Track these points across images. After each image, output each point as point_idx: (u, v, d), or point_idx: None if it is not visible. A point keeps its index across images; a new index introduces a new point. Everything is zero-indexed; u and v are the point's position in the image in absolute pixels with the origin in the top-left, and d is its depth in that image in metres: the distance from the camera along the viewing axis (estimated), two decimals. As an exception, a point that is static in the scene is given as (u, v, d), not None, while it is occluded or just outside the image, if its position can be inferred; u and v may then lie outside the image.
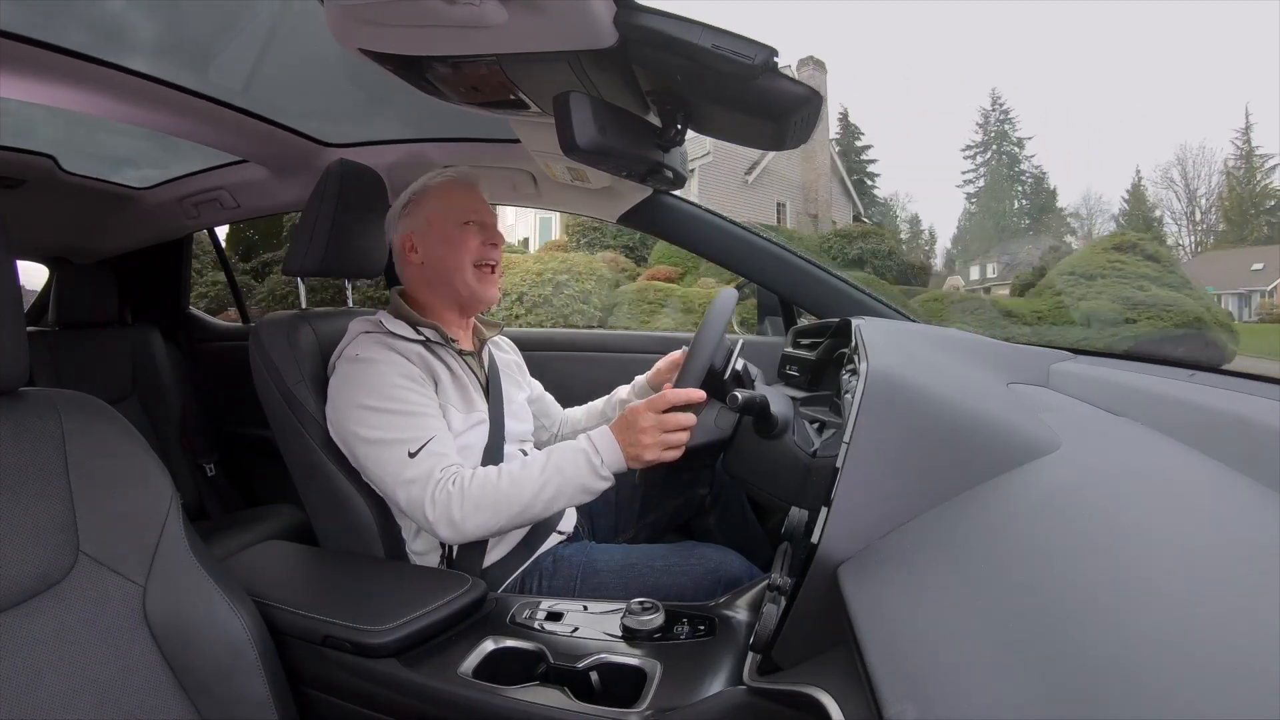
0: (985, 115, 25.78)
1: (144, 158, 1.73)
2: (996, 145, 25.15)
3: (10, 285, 0.63)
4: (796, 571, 0.54)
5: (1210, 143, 25.73)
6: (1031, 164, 24.86)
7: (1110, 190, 27.53)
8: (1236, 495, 0.44)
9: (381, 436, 0.91)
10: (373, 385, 0.93)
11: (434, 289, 1.07)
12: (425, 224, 1.06)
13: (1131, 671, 0.28)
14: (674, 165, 0.93)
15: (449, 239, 1.04)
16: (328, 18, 0.79)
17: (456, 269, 1.04)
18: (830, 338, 1.16)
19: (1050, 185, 24.38)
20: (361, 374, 0.95)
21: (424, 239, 1.06)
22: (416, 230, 1.06)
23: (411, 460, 0.90)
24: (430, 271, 1.06)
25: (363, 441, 0.92)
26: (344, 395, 0.95)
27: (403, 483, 0.89)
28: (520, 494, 0.87)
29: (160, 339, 1.91)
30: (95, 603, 0.64)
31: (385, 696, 0.75)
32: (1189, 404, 0.62)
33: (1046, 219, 22.86)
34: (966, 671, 0.33)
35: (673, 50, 0.70)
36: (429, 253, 1.05)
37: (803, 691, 0.49)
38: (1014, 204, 24.31)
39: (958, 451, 0.51)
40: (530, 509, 0.88)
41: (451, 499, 0.87)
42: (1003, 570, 0.39)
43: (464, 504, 0.87)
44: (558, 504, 0.89)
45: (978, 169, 25.63)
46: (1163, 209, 22.20)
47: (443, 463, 0.90)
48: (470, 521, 0.87)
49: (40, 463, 0.64)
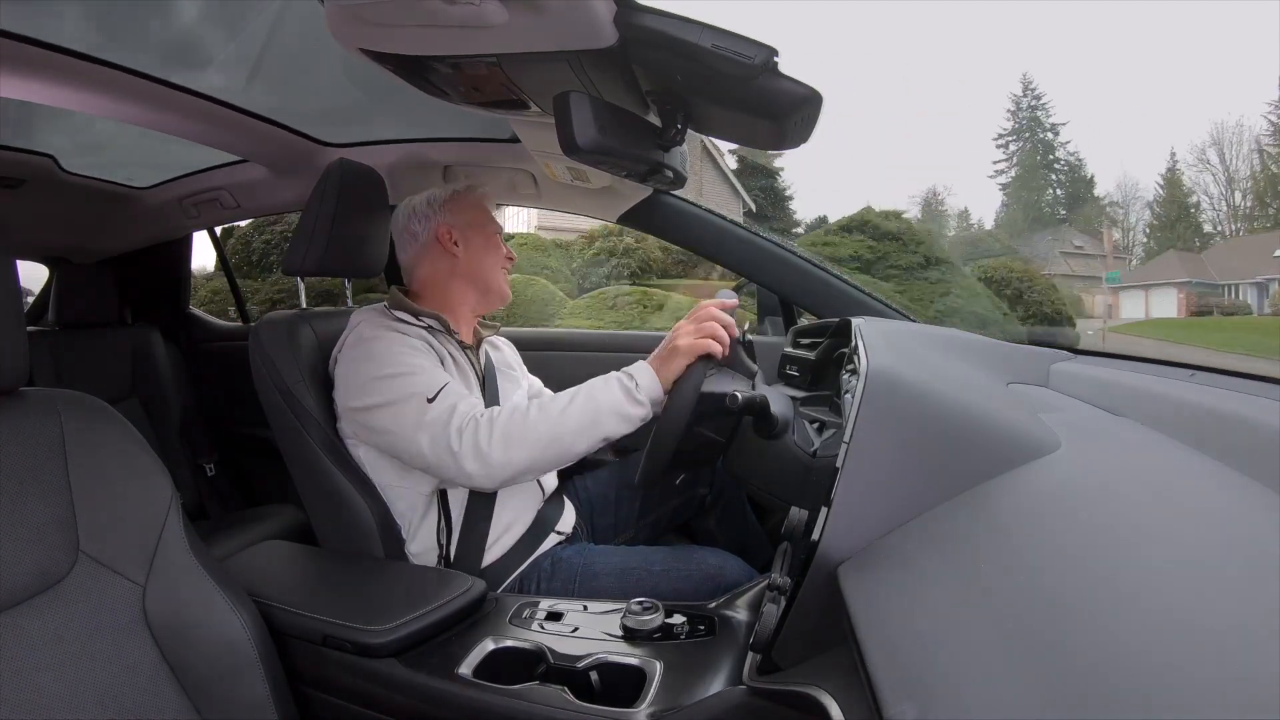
0: (1016, 101, 24.25)
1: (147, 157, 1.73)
2: (1030, 133, 23.63)
3: (10, 285, 0.63)
4: (796, 571, 0.54)
5: (1247, 119, 22.65)
6: (1066, 150, 23.32)
7: (1145, 175, 25.72)
8: (1236, 495, 0.44)
9: (396, 397, 0.92)
10: (380, 357, 0.95)
11: (464, 281, 1.12)
12: (467, 224, 1.12)
13: (1131, 671, 0.28)
14: (674, 165, 0.93)
15: (488, 243, 1.13)
16: (328, 18, 0.79)
17: (493, 271, 1.13)
18: (830, 338, 1.16)
19: (1087, 174, 22.88)
20: (368, 351, 0.97)
21: (465, 237, 1.11)
22: (458, 227, 1.11)
23: (430, 404, 0.90)
24: (467, 266, 1.11)
25: (379, 409, 0.93)
26: (354, 374, 0.97)
27: (424, 425, 0.89)
28: (551, 422, 0.85)
29: (160, 339, 1.91)
30: (95, 602, 0.64)
31: (385, 696, 0.75)
32: (1189, 404, 0.62)
33: (1084, 209, 21.51)
34: (966, 671, 0.33)
35: (673, 50, 0.70)
36: (470, 250, 1.11)
37: (803, 691, 0.49)
38: (1048, 194, 22.81)
39: (958, 451, 0.51)
40: (562, 439, 0.86)
41: (479, 430, 0.86)
42: (1003, 570, 0.39)
43: (491, 435, 0.86)
44: (594, 434, 0.87)
45: (1010, 158, 24.12)
46: (1199, 193, 20.52)
47: (464, 402, 0.91)
48: (499, 453, 0.85)
49: (40, 463, 0.64)
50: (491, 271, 1.13)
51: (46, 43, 1.01)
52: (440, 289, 1.12)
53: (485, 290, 1.14)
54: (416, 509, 0.99)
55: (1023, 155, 23.64)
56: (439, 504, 0.99)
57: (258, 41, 1.15)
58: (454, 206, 1.13)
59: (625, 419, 0.87)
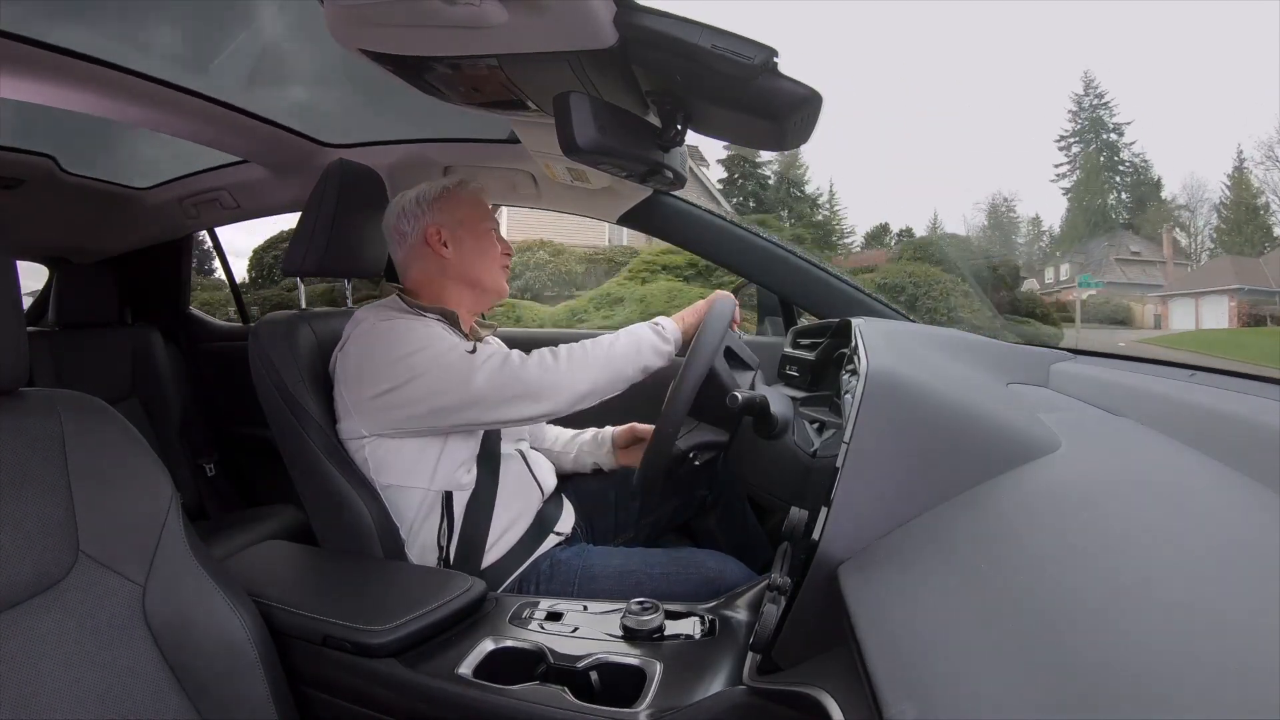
0: (1078, 101, 21.95)
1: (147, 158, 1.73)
2: (1094, 133, 21.63)
3: (10, 285, 0.63)
4: (796, 571, 0.55)
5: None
6: (1132, 151, 20.98)
7: (1213, 175, 23.93)
8: (1236, 495, 0.44)
9: (427, 366, 0.94)
10: (400, 337, 0.96)
11: (457, 281, 1.10)
12: (457, 223, 1.09)
13: (1131, 671, 0.28)
14: (674, 165, 0.93)
15: (481, 241, 1.11)
16: (327, 18, 0.79)
17: (486, 268, 1.11)
18: (830, 338, 1.16)
19: (1154, 175, 20.63)
20: (383, 334, 0.97)
21: (456, 237, 1.09)
22: (447, 226, 1.09)
23: (472, 355, 0.95)
24: (458, 266, 1.09)
25: (408, 384, 0.94)
26: (369, 361, 0.96)
27: (475, 368, 0.94)
28: (604, 351, 0.97)
29: (160, 339, 1.91)
30: (95, 602, 0.64)
31: (385, 696, 0.75)
32: (1189, 404, 0.62)
33: (1148, 213, 19.58)
34: (966, 671, 0.33)
35: (673, 50, 0.70)
36: (461, 250, 1.09)
37: (803, 691, 0.49)
38: (1112, 197, 20.87)
39: (958, 452, 0.51)
40: (614, 362, 0.97)
41: (544, 354, 0.95)
42: (1003, 570, 0.39)
43: (557, 357, 0.95)
44: (637, 362, 0.99)
45: (1072, 160, 21.88)
46: (1268, 192, 18.29)
47: (513, 350, 0.97)
48: (565, 370, 0.94)
49: (40, 463, 0.64)
50: (485, 270, 1.11)
51: (46, 43, 1.01)
52: (434, 289, 1.10)
53: (480, 289, 1.12)
54: (419, 510, 0.99)
55: (1085, 157, 22.05)
56: (441, 505, 0.99)
57: (258, 41, 1.15)
58: (444, 205, 1.10)
59: (659, 353, 1.01)
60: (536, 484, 1.09)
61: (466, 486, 1.00)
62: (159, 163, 1.73)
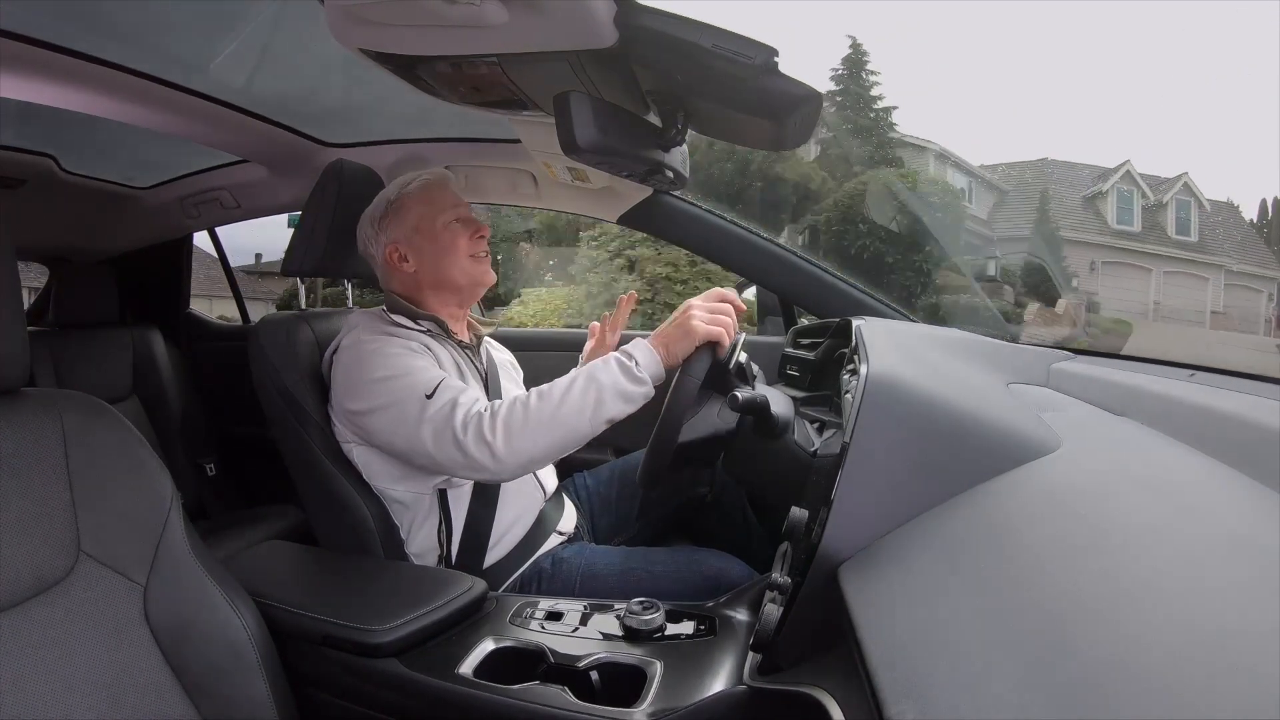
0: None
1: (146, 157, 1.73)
2: None
3: (10, 285, 0.63)
4: (797, 571, 0.55)
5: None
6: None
7: None
8: (1236, 495, 0.44)
9: (394, 398, 0.90)
10: (374, 361, 0.93)
11: (432, 290, 1.06)
12: (412, 231, 1.04)
13: (1131, 671, 0.28)
14: (674, 165, 0.93)
15: (439, 242, 1.04)
16: (328, 18, 0.79)
17: (454, 267, 1.04)
18: (830, 338, 1.16)
19: None
20: (362, 355, 0.95)
21: (414, 246, 1.04)
22: (403, 240, 1.04)
23: (430, 400, 0.88)
24: (425, 276, 1.05)
25: (376, 411, 0.91)
26: (349, 378, 0.95)
27: (426, 420, 0.87)
28: (553, 408, 0.84)
29: (160, 339, 1.91)
30: (96, 602, 0.64)
31: (385, 696, 0.75)
32: (1189, 404, 0.62)
33: None
34: (966, 671, 0.33)
35: (673, 50, 0.70)
36: (422, 259, 1.04)
37: (803, 691, 0.50)
38: None
39: (958, 451, 0.51)
40: (566, 422, 0.84)
41: (483, 422, 0.84)
42: (1003, 570, 0.39)
43: (495, 427, 0.84)
44: (599, 415, 0.85)
45: None
46: None
47: (464, 394, 0.89)
48: (503, 444, 0.83)
49: (41, 463, 0.64)
50: (452, 270, 1.04)
51: (46, 42, 1.01)
52: (416, 300, 1.07)
53: (455, 289, 1.06)
54: (417, 510, 0.99)
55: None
56: (439, 505, 0.99)
57: (258, 41, 1.15)
58: (393, 219, 1.04)
59: (627, 398, 0.85)
60: (538, 484, 1.09)
61: (466, 485, 1.00)
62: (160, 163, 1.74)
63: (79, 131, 1.45)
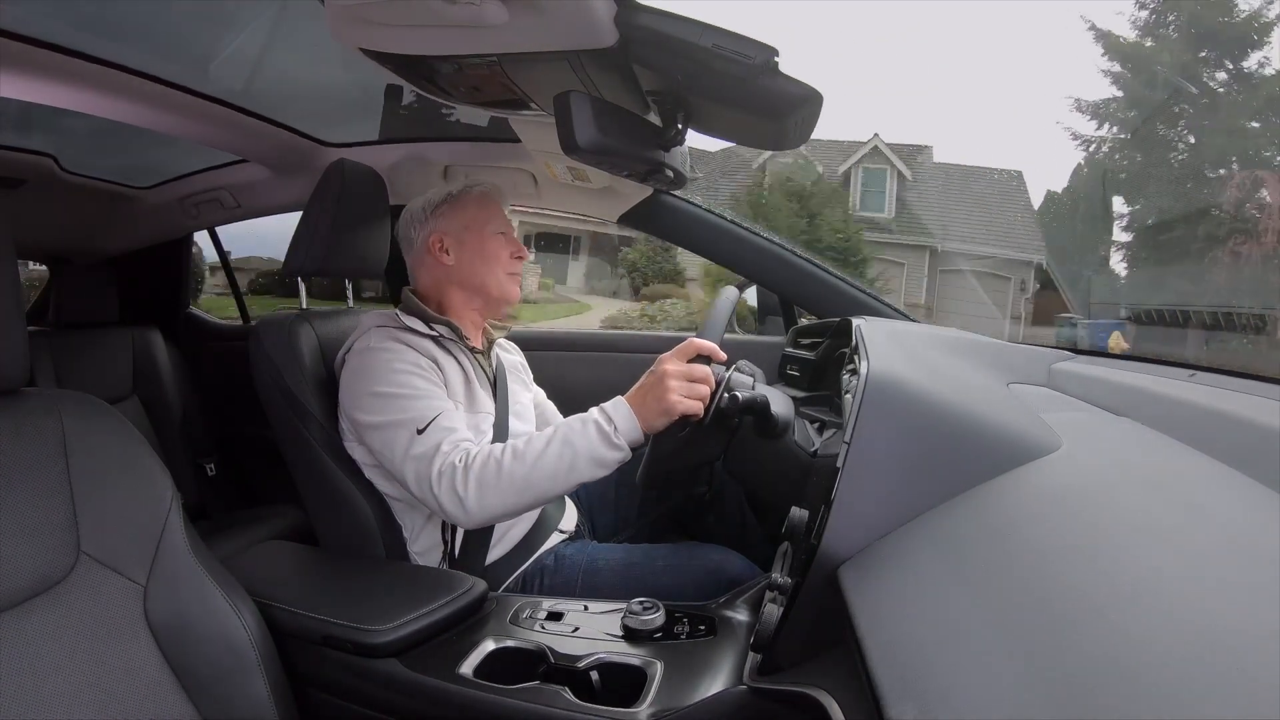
0: None
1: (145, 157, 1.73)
2: None
3: (10, 285, 0.63)
4: (797, 571, 0.55)
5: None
6: None
7: None
8: (1237, 495, 0.44)
9: (389, 419, 0.91)
10: (379, 373, 0.94)
11: (461, 289, 1.09)
12: (462, 228, 1.08)
13: (1131, 671, 0.28)
14: (674, 165, 0.93)
15: (484, 248, 1.08)
16: (328, 18, 0.79)
17: (490, 274, 1.08)
18: (831, 338, 1.16)
19: None
20: (369, 363, 0.96)
21: (459, 243, 1.07)
22: (450, 233, 1.07)
23: (419, 436, 0.89)
24: (460, 274, 1.08)
25: (373, 428, 0.93)
26: (354, 386, 0.96)
27: (411, 458, 0.89)
28: (525, 470, 0.84)
29: (160, 339, 1.91)
30: (96, 602, 0.64)
31: (386, 696, 0.75)
32: (1189, 404, 0.62)
33: None
34: (966, 671, 0.33)
35: (673, 50, 0.70)
36: (463, 257, 1.07)
37: (803, 691, 0.50)
38: None
39: (958, 451, 0.51)
40: (536, 485, 0.84)
41: (456, 474, 0.85)
42: (1003, 570, 0.39)
43: (467, 481, 0.84)
44: (571, 479, 0.85)
45: None
46: None
47: (450, 437, 0.89)
48: (474, 500, 0.84)
49: (41, 463, 0.64)
50: (488, 276, 1.08)
51: (46, 42, 1.01)
52: (440, 296, 1.09)
53: (484, 296, 1.09)
54: (420, 509, 0.99)
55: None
56: None
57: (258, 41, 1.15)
58: (449, 210, 1.08)
59: (602, 464, 0.85)
60: None
61: None
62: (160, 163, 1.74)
63: (79, 131, 1.45)
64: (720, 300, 0.97)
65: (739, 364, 0.97)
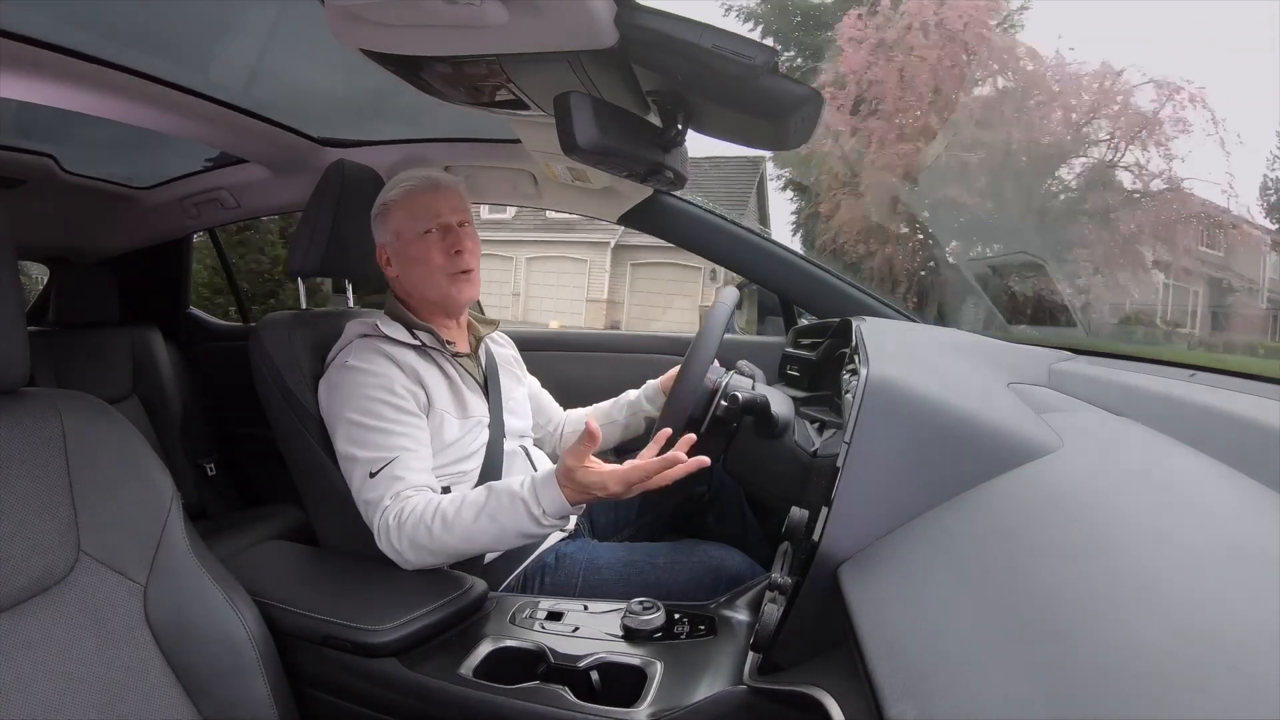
0: None
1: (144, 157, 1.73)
2: None
3: (10, 285, 0.63)
4: (797, 571, 0.55)
5: None
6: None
7: None
8: (1237, 495, 0.44)
9: (352, 452, 0.93)
10: (351, 398, 0.94)
11: (414, 298, 1.05)
12: (394, 237, 1.03)
13: (1131, 671, 0.28)
14: (675, 165, 0.93)
15: (411, 252, 1.02)
16: (328, 18, 0.79)
17: (427, 281, 1.02)
18: (831, 338, 1.16)
19: None
20: (345, 383, 0.95)
21: (395, 253, 1.04)
22: (387, 244, 1.04)
23: (370, 481, 0.91)
24: (406, 285, 1.04)
25: (339, 453, 0.95)
26: (328, 404, 0.97)
27: (362, 501, 0.92)
28: (456, 542, 0.86)
29: (160, 339, 1.91)
30: (96, 602, 0.64)
31: (385, 696, 0.75)
32: (1189, 404, 0.62)
33: None
34: (967, 671, 0.33)
35: (673, 50, 0.70)
36: (400, 266, 1.04)
37: (803, 691, 0.50)
38: None
39: (958, 451, 0.51)
40: (464, 551, 0.88)
41: (391, 531, 0.87)
42: (1003, 570, 0.39)
43: (400, 538, 0.87)
44: (499, 546, 0.90)
45: None
46: None
47: (395, 488, 0.90)
48: (410, 556, 0.87)
49: (41, 463, 0.64)
50: (424, 282, 1.01)
51: (46, 43, 1.01)
52: (409, 304, 1.06)
53: (428, 303, 1.04)
54: None
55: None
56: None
57: (257, 41, 1.15)
58: (383, 220, 1.04)
59: (529, 537, 0.87)
60: None
61: (468, 483, 1.00)
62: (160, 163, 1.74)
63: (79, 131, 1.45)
64: (720, 302, 0.97)
65: (739, 364, 0.97)
